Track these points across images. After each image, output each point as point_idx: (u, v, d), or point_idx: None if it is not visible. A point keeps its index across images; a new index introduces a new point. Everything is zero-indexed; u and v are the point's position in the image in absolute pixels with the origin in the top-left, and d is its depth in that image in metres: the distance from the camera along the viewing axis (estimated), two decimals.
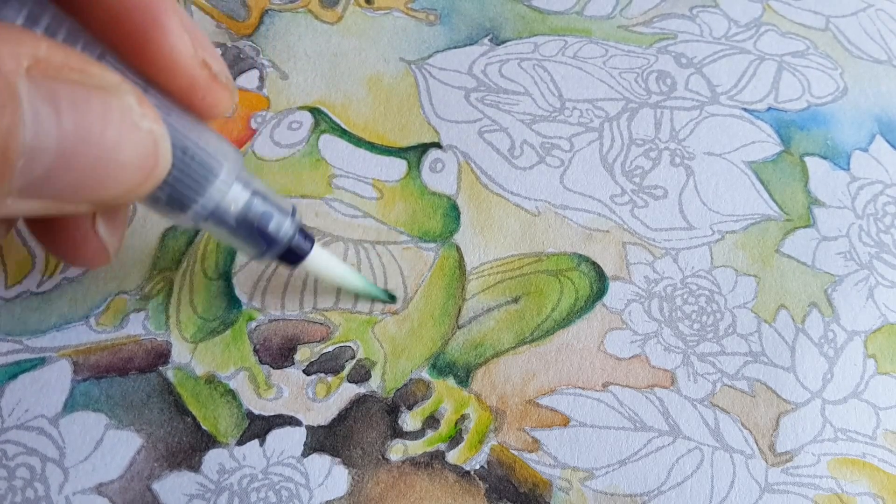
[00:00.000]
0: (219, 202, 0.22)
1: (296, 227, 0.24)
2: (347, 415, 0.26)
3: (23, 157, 0.16)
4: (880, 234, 0.30)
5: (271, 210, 0.23)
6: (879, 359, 0.28)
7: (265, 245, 0.24)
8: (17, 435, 0.25)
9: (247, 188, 0.23)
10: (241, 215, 0.23)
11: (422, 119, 0.31)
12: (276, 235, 0.24)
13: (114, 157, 0.17)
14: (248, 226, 0.23)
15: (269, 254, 0.24)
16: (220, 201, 0.22)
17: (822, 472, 0.26)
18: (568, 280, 0.28)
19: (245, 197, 0.23)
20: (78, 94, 0.16)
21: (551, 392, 0.27)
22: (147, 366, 0.26)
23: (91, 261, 0.23)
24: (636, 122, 0.31)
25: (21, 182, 0.16)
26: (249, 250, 0.24)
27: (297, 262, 0.25)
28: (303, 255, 0.25)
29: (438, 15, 0.34)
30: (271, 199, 0.23)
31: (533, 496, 0.25)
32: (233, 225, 0.23)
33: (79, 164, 0.17)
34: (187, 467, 0.25)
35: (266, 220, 0.23)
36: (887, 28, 0.35)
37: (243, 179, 0.23)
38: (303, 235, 0.25)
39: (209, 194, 0.21)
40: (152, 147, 0.18)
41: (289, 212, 0.24)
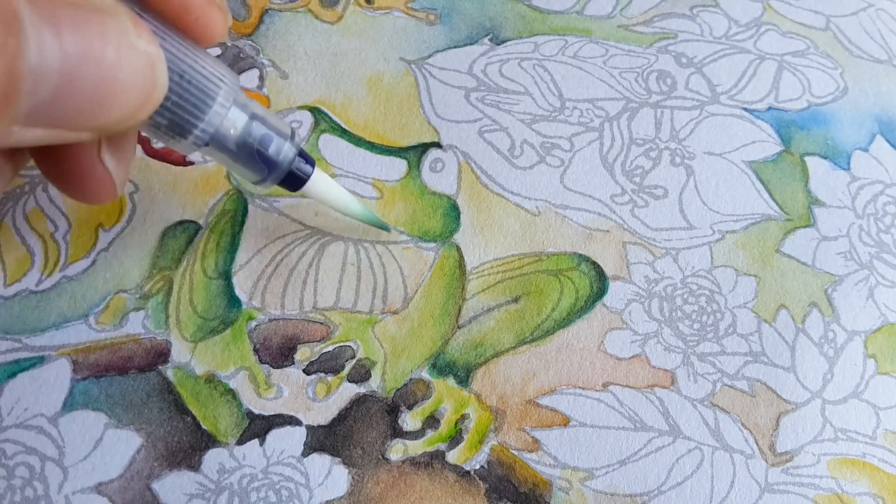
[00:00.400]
0: (218, 126, 0.22)
1: (296, 150, 0.24)
2: (347, 414, 0.26)
3: (28, 79, 0.16)
4: (880, 233, 0.30)
5: (271, 133, 0.23)
6: (879, 359, 0.28)
7: (266, 169, 0.24)
8: (17, 434, 0.25)
9: (244, 111, 0.23)
10: (240, 139, 0.23)
11: (422, 119, 0.31)
12: (276, 158, 0.24)
13: (114, 77, 0.17)
14: (248, 150, 0.23)
15: (270, 178, 0.24)
16: (220, 125, 0.22)
17: (822, 472, 0.26)
18: (568, 280, 0.28)
19: (243, 120, 0.23)
20: (77, 15, 0.17)
21: (551, 392, 0.27)
22: (147, 365, 0.26)
23: (98, 195, 0.23)
24: (636, 122, 0.31)
25: (27, 106, 0.16)
26: (251, 175, 0.24)
27: (299, 186, 0.25)
28: (304, 179, 0.25)
29: (438, 15, 0.34)
30: (270, 121, 0.23)
31: (533, 496, 0.25)
32: (233, 149, 0.23)
33: (81, 85, 0.17)
34: (187, 467, 0.25)
35: (266, 143, 0.23)
36: (887, 28, 0.35)
37: (241, 103, 0.23)
38: (303, 158, 0.25)
39: (208, 118, 0.21)
40: (149, 68, 0.18)
41: (288, 134, 0.24)
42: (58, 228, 0.28)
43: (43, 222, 0.28)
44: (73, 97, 0.17)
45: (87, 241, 0.28)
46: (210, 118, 0.21)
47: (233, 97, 0.22)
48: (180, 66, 0.20)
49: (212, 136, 0.22)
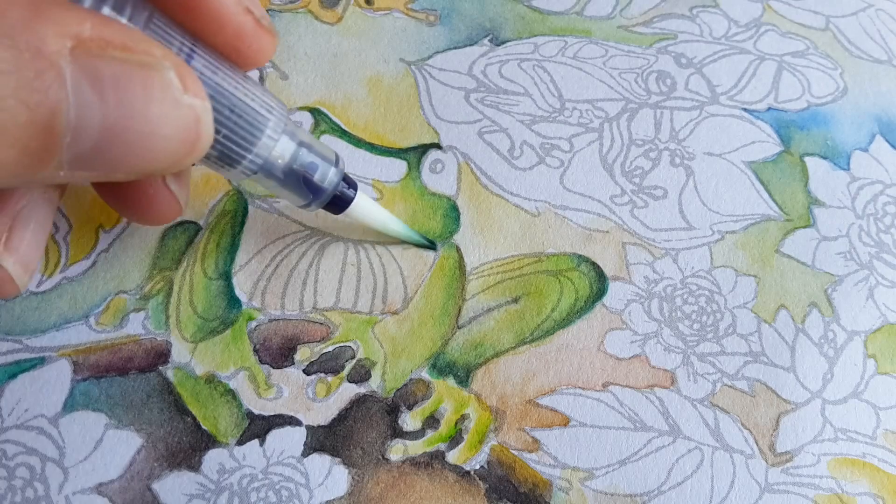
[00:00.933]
0: (267, 157, 0.22)
1: (340, 176, 0.25)
2: (347, 415, 0.26)
3: (69, 134, 0.16)
4: (880, 234, 0.30)
5: (316, 160, 0.24)
6: (879, 359, 0.28)
7: (311, 195, 0.24)
8: (17, 434, 0.25)
9: (293, 139, 0.23)
10: (287, 167, 0.23)
11: (422, 120, 0.31)
12: (321, 185, 0.24)
13: (156, 132, 0.18)
14: (295, 177, 0.24)
15: (315, 203, 0.25)
16: (268, 156, 0.22)
17: (822, 472, 0.26)
18: (568, 280, 0.28)
19: (291, 149, 0.23)
20: (120, 72, 0.17)
21: (551, 392, 0.27)
22: (147, 365, 0.26)
23: (163, 216, 0.24)
24: (636, 123, 0.31)
25: (69, 156, 0.17)
26: (296, 200, 0.25)
27: (342, 209, 0.26)
28: (347, 202, 0.26)
29: (438, 15, 0.34)
30: (316, 148, 0.24)
31: (533, 496, 0.25)
32: (280, 177, 0.23)
33: (123, 139, 0.17)
34: (187, 467, 0.25)
35: (312, 170, 0.24)
36: (887, 28, 0.35)
37: (289, 131, 0.23)
38: (346, 183, 0.25)
39: (257, 150, 0.22)
40: (193, 122, 0.19)
41: (332, 160, 0.25)
42: (58, 229, 0.28)
43: None
44: (115, 149, 0.17)
45: (87, 242, 0.28)
46: (259, 150, 0.22)
47: (282, 127, 0.22)
48: (231, 100, 0.21)
49: (260, 165, 0.22)
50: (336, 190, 0.25)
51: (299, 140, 0.23)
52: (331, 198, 0.25)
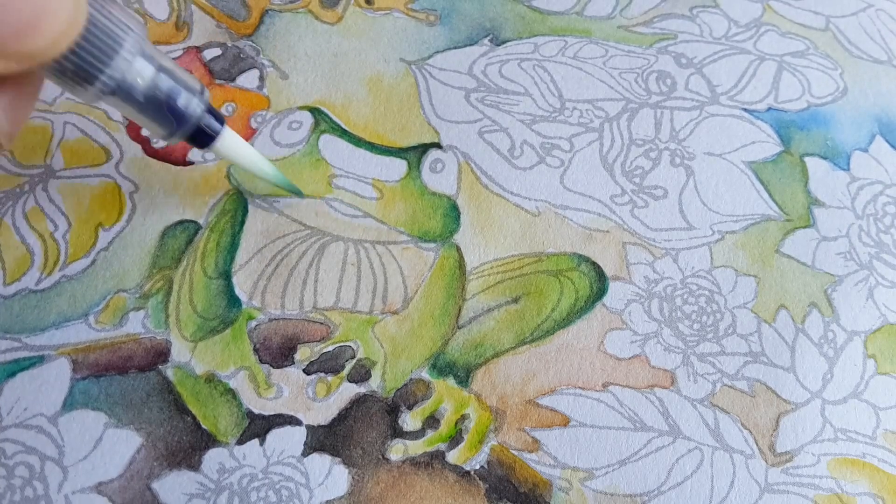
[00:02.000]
0: (125, 74, 0.22)
1: (205, 105, 0.24)
2: (347, 414, 0.26)
3: None
4: (880, 234, 0.30)
5: (179, 86, 0.23)
6: (879, 359, 0.28)
7: (173, 123, 0.23)
8: (16, 433, 0.25)
9: (152, 62, 0.22)
10: (148, 90, 0.22)
11: (422, 119, 0.31)
12: (185, 112, 0.23)
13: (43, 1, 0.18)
14: (156, 102, 0.23)
15: (179, 132, 0.24)
16: (126, 73, 0.22)
17: (822, 472, 0.26)
18: (568, 280, 0.28)
19: (151, 71, 0.22)
20: None
21: (551, 392, 0.27)
22: (147, 364, 0.26)
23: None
24: (636, 123, 0.31)
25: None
26: (158, 129, 0.24)
27: (207, 143, 0.25)
28: (213, 136, 0.25)
29: (438, 15, 0.34)
30: (179, 75, 0.23)
31: (533, 496, 0.25)
32: (140, 101, 0.22)
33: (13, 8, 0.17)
34: (187, 466, 0.25)
35: (174, 96, 0.23)
36: (887, 28, 0.35)
37: (148, 54, 0.22)
38: (212, 115, 0.24)
39: (114, 65, 0.21)
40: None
41: (198, 89, 0.24)
42: (57, 228, 0.28)
43: (43, 221, 0.28)
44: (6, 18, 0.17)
45: (86, 240, 0.28)
46: (116, 64, 0.21)
47: (140, 46, 0.22)
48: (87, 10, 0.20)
49: (118, 83, 0.22)
50: (200, 120, 0.24)
51: (159, 64, 0.23)
52: (195, 128, 0.24)
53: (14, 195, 0.28)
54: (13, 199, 0.28)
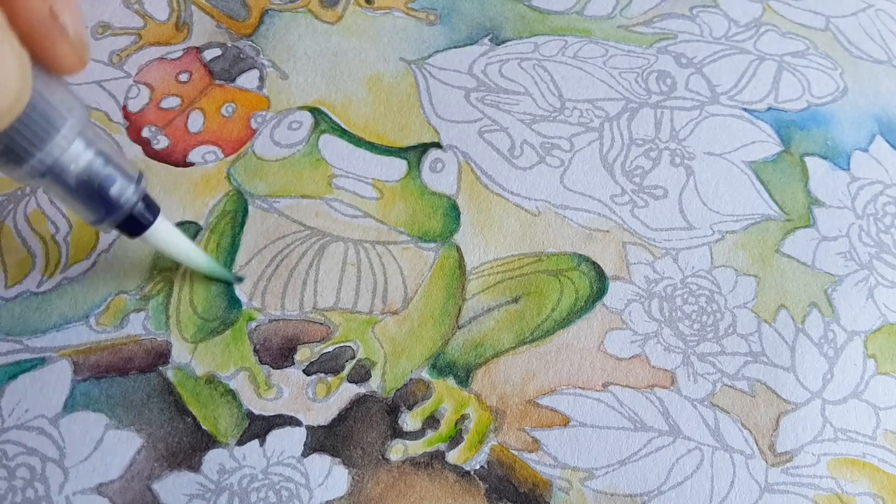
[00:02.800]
0: (58, 158, 0.21)
1: (140, 194, 0.23)
2: (347, 415, 0.26)
3: None
4: (880, 234, 0.30)
5: (115, 173, 0.22)
6: (879, 359, 0.28)
7: (104, 210, 0.23)
8: (18, 435, 0.25)
9: (90, 147, 0.21)
10: (81, 175, 0.21)
11: (422, 119, 0.31)
12: (117, 201, 0.22)
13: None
14: (88, 188, 0.22)
15: (108, 220, 0.23)
16: (60, 157, 0.21)
17: (822, 472, 0.26)
18: (568, 280, 0.28)
19: (88, 157, 0.21)
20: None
21: (551, 392, 0.27)
22: (147, 366, 0.26)
23: None
24: (636, 122, 0.31)
25: None
26: (88, 215, 0.23)
27: (138, 233, 0.24)
28: (144, 225, 0.24)
29: (438, 15, 0.34)
30: (117, 161, 0.22)
31: (533, 496, 0.25)
32: (71, 185, 0.22)
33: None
34: (187, 467, 0.25)
35: (108, 184, 0.22)
36: (887, 28, 0.35)
37: (87, 138, 0.21)
38: (146, 204, 0.24)
39: (48, 149, 0.20)
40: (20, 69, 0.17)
41: (134, 177, 0.23)
42: (58, 230, 0.28)
43: (44, 224, 0.28)
44: None
45: (87, 242, 0.28)
46: (50, 149, 0.20)
47: (78, 130, 0.21)
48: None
49: (49, 167, 0.21)
50: (132, 209, 0.23)
51: (98, 149, 0.22)
52: (125, 217, 0.23)
53: (15, 198, 0.28)
54: (14, 201, 0.28)
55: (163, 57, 0.32)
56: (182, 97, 0.31)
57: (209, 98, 0.31)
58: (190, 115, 0.30)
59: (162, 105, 0.31)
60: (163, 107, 0.31)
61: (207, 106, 0.31)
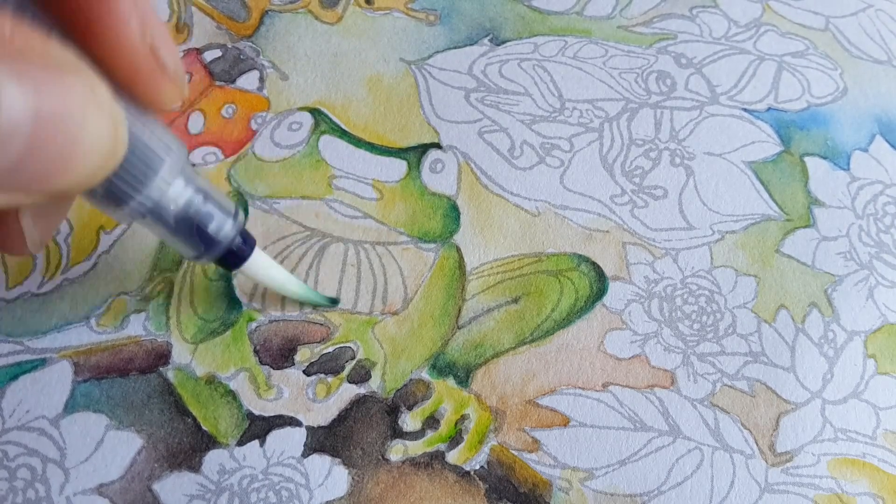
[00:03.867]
0: (158, 199, 0.21)
1: (237, 230, 0.23)
2: (347, 415, 0.26)
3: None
4: (880, 234, 0.30)
5: (213, 210, 0.22)
6: (879, 359, 0.28)
7: (203, 246, 0.23)
8: (18, 436, 0.25)
9: (189, 185, 0.22)
10: (180, 214, 0.22)
11: (422, 119, 0.31)
12: (215, 237, 0.23)
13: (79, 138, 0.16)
14: (187, 226, 0.22)
15: (206, 256, 0.23)
16: (160, 198, 0.21)
17: (822, 472, 0.26)
18: (568, 280, 0.28)
19: (187, 195, 0.22)
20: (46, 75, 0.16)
21: (551, 392, 0.27)
22: (147, 367, 0.26)
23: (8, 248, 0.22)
24: (636, 123, 0.31)
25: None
26: (187, 251, 0.23)
27: (237, 265, 0.24)
28: (242, 259, 0.24)
29: (438, 15, 0.34)
30: (214, 197, 0.23)
31: (533, 496, 0.25)
32: (171, 224, 0.22)
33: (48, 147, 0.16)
34: (188, 468, 0.25)
35: (206, 221, 0.22)
36: (887, 28, 0.35)
37: (186, 175, 0.21)
38: (243, 238, 0.24)
39: (148, 191, 0.20)
40: (113, 128, 0.17)
41: (231, 212, 0.23)
42: (59, 231, 0.28)
43: None
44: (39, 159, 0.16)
45: (88, 243, 0.28)
46: (151, 190, 0.20)
47: (178, 169, 0.21)
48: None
49: (150, 209, 0.21)
50: (231, 245, 0.23)
51: (196, 186, 0.22)
52: (224, 252, 0.23)
53: None
54: None
55: None
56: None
57: (209, 99, 0.31)
58: (190, 117, 0.31)
59: None
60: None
61: (208, 107, 0.31)
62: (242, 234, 0.24)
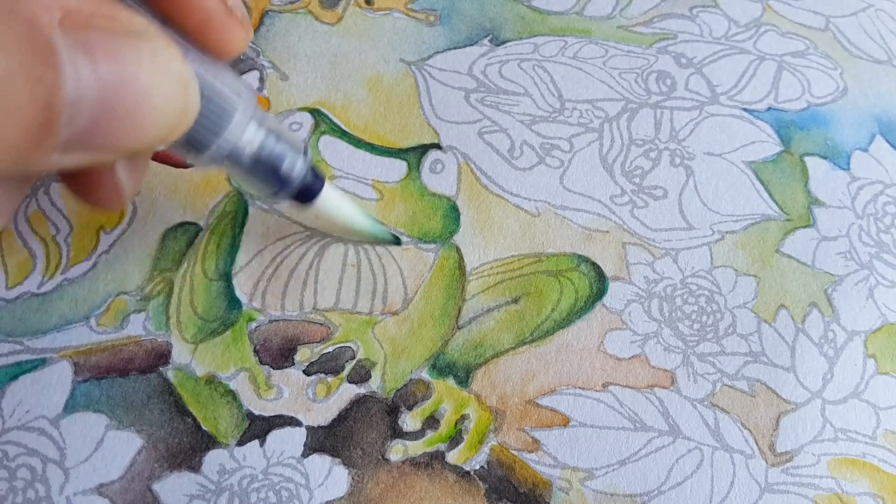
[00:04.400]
0: (235, 144, 0.22)
1: (308, 166, 0.24)
2: (347, 415, 0.26)
3: (66, 111, 0.16)
4: (880, 234, 0.30)
5: (285, 149, 0.23)
6: (879, 359, 0.28)
7: (278, 184, 0.24)
8: (18, 436, 0.25)
9: (261, 127, 0.22)
10: (255, 155, 0.23)
11: (422, 120, 0.31)
12: (289, 175, 0.24)
13: (149, 101, 0.17)
14: (262, 166, 0.23)
15: (282, 193, 0.24)
16: (237, 143, 0.22)
17: (822, 472, 0.26)
18: (568, 280, 0.28)
19: (260, 137, 0.22)
20: (112, 41, 0.16)
21: (551, 392, 0.27)
22: (147, 366, 0.26)
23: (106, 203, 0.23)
24: (636, 123, 0.31)
25: (65, 136, 0.16)
26: (263, 189, 0.24)
27: (309, 201, 0.25)
28: (315, 194, 0.25)
29: (438, 15, 0.34)
30: (285, 137, 0.23)
31: (533, 496, 0.25)
32: (248, 165, 0.23)
33: (118, 111, 0.17)
34: (188, 468, 0.25)
35: (280, 160, 0.23)
36: (887, 28, 0.35)
37: (258, 118, 0.22)
38: (313, 174, 0.25)
39: (226, 135, 0.21)
40: (183, 90, 0.18)
41: (301, 150, 0.24)
42: (59, 231, 0.28)
43: (44, 225, 0.28)
44: (110, 124, 0.17)
45: (88, 243, 0.28)
46: (228, 135, 0.21)
47: (251, 113, 0.22)
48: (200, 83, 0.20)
49: (228, 154, 0.22)
50: (304, 181, 0.24)
51: (268, 128, 0.23)
52: (298, 189, 0.24)
53: None
54: None
55: None
56: None
57: None
58: None
59: None
60: None
61: None
62: (313, 170, 0.25)
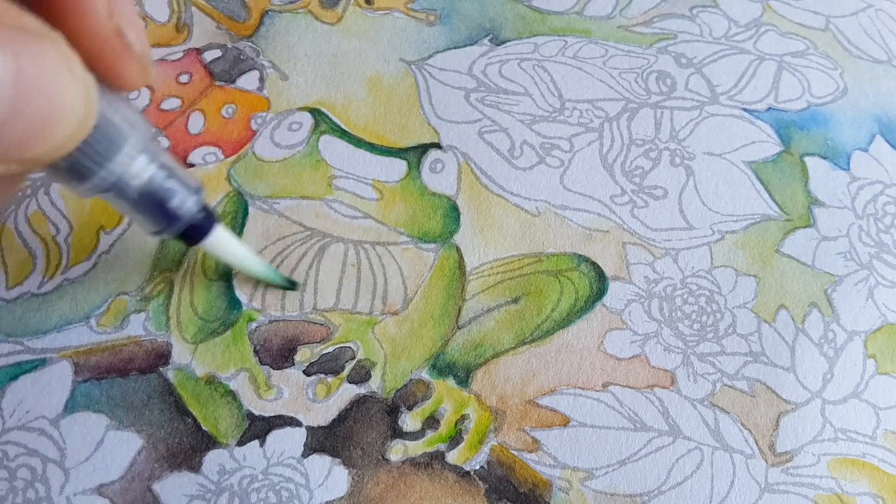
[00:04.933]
0: (121, 174, 0.21)
1: (199, 205, 0.24)
2: (347, 415, 0.26)
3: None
4: (880, 234, 0.30)
5: (175, 186, 0.23)
6: (879, 359, 0.28)
7: (165, 221, 0.23)
8: (18, 436, 0.25)
9: (153, 162, 0.22)
10: (143, 189, 0.22)
11: (422, 119, 0.31)
12: (177, 212, 0.23)
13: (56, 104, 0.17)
14: (149, 201, 0.22)
15: (168, 231, 0.24)
16: (123, 174, 0.21)
17: (822, 472, 0.26)
18: (568, 280, 0.28)
19: (150, 171, 0.22)
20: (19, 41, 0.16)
21: (551, 392, 0.27)
22: (147, 367, 0.26)
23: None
24: (636, 123, 0.31)
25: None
26: (148, 226, 0.23)
27: (197, 241, 0.25)
28: (203, 234, 0.24)
29: (438, 15, 0.34)
30: (178, 174, 0.23)
31: (533, 496, 0.25)
32: (134, 199, 0.22)
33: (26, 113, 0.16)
34: (188, 468, 0.25)
35: (169, 196, 0.23)
36: (887, 28, 0.35)
37: (150, 152, 0.22)
38: (205, 214, 0.24)
39: (111, 166, 0.20)
40: (86, 93, 0.18)
41: (194, 189, 0.23)
42: (59, 231, 0.28)
43: (44, 225, 0.28)
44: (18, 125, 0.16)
45: (88, 243, 0.28)
46: (113, 166, 0.21)
47: (142, 146, 0.21)
48: None
49: (113, 183, 0.21)
50: (192, 220, 0.24)
51: (160, 163, 0.22)
52: (185, 228, 0.24)
53: (16, 199, 0.28)
54: (15, 203, 0.28)
55: (163, 58, 0.32)
56: (182, 98, 0.31)
57: (209, 99, 0.31)
58: (190, 117, 0.31)
59: (162, 106, 0.31)
60: (163, 108, 0.31)
61: (208, 107, 0.31)
62: (205, 210, 0.24)
